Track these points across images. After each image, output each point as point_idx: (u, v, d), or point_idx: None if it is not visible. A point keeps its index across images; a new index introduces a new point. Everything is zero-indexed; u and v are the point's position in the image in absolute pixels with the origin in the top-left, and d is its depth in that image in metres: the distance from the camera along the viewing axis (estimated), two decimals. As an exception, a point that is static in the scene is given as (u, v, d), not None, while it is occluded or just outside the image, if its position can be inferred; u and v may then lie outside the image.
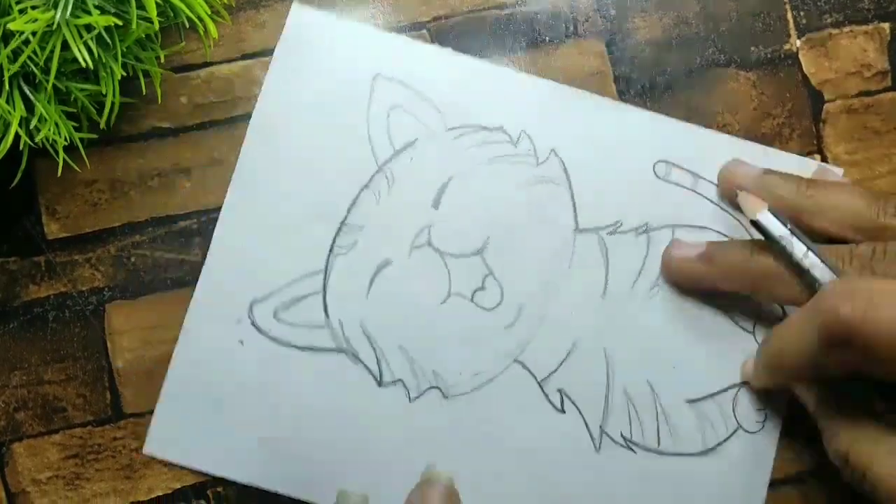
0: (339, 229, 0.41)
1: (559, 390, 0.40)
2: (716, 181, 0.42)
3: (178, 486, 0.41)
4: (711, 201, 0.42)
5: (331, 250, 0.41)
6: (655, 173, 0.42)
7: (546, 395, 0.40)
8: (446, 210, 0.41)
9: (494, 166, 0.42)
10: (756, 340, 0.41)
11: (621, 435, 0.40)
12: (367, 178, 0.41)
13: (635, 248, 0.41)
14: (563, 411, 0.40)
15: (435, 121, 0.42)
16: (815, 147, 0.43)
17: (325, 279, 0.41)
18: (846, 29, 0.43)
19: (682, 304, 0.41)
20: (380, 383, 0.41)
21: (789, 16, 0.43)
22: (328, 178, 0.41)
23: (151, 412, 0.41)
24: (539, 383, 0.40)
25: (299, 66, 0.42)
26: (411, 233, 0.41)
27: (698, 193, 0.42)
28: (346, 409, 0.40)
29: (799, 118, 0.43)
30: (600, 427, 0.40)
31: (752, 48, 0.43)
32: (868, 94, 0.43)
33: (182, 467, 0.41)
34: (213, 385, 0.41)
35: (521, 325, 0.41)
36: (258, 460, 0.40)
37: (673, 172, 0.42)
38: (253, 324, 0.41)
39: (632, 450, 0.40)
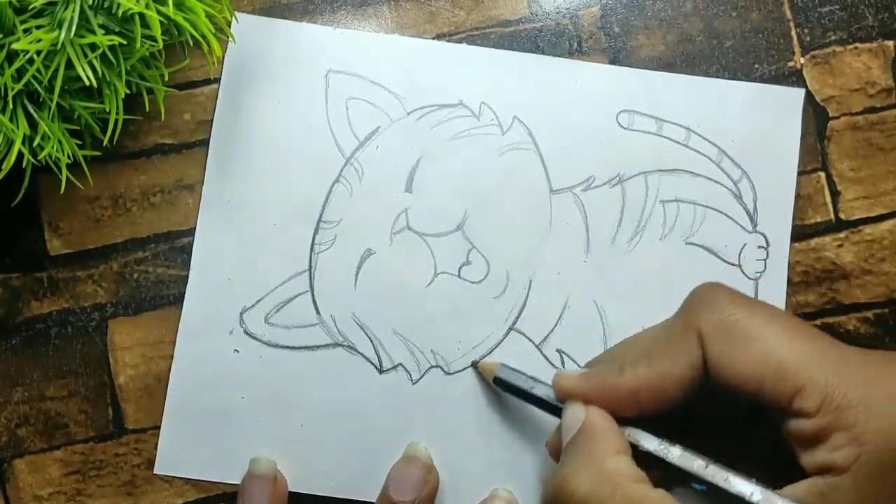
0: (317, 227, 0.41)
1: (558, 350, 0.41)
2: (681, 122, 0.42)
3: (180, 501, 0.41)
4: (679, 143, 0.42)
5: (312, 249, 0.41)
6: (619, 123, 0.42)
7: (546, 357, 0.41)
8: (420, 192, 0.42)
9: (461, 141, 0.42)
10: (744, 273, 0.41)
11: None
12: (336, 172, 0.42)
13: (611, 200, 0.42)
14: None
15: (394, 106, 0.42)
16: (819, 164, 0.43)
17: (310, 278, 0.41)
18: (850, 46, 0.43)
19: (664, 248, 0.41)
20: (380, 370, 0.41)
21: (793, 33, 0.43)
22: (297, 180, 0.42)
23: (154, 428, 0.41)
24: (537, 346, 0.41)
25: (250, 75, 0.42)
26: (389, 219, 0.41)
27: (664, 137, 0.42)
28: (351, 401, 0.41)
29: (803, 135, 0.43)
30: None
31: (756, 65, 0.43)
32: (873, 111, 0.43)
33: (192, 481, 0.41)
34: (214, 397, 0.41)
35: (511, 292, 0.41)
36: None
37: (637, 120, 0.42)
38: (245, 332, 0.41)
39: None
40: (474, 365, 0.40)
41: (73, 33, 0.33)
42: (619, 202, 0.42)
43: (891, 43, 0.43)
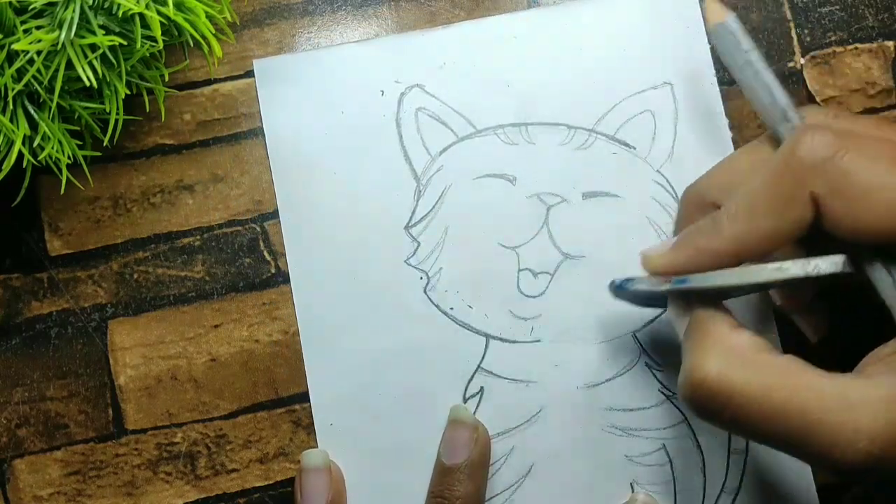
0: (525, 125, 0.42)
1: (481, 387, 0.41)
2: None
3: (180, 501, 0.41)
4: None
5: (498, 127, 0.42)
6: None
7: (467, 384, 0.41)
8: (589, 208, 0.41)
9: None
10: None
11: None
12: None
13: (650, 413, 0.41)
14: (464, 402, 0.41)
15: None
16: (819, 165, 0.43)
17: (474, 134, 0.42)
18: (850, 47, 0.43)
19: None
20: (407, 225, 0.42)
21: (793, 33, 0.43)
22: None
23: (154, 428, 0.41)
24: (475, 369, 0.41)
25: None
26: (554, 188, 0.41)
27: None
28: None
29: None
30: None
31: (757, 66, 0.43)
32: (873, 111, 0.43)
33: (192, 481, 0.41)
34: None
35: (519, 326, 0.41)
36: None
37: None
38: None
39: None
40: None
41: (73, 34, 0.33)
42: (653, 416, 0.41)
43: (891, 43, 0.43)
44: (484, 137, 0.42)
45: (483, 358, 0.41)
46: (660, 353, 0.41)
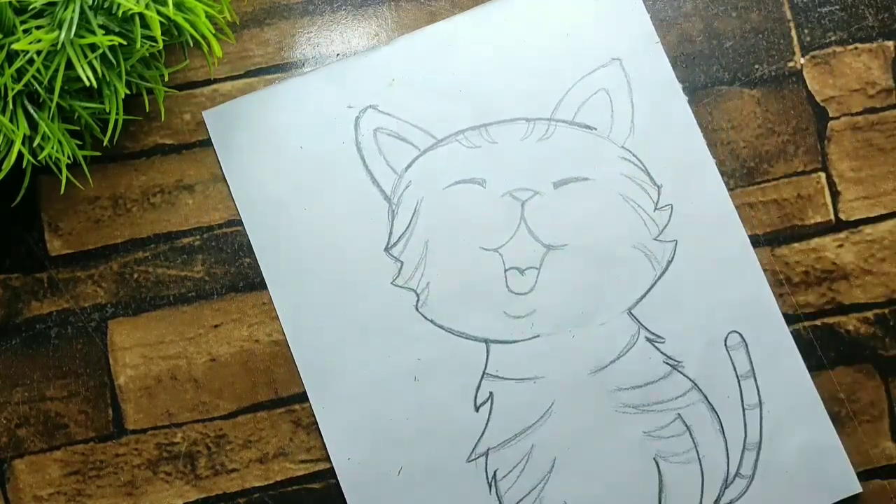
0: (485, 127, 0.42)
1: (490, 393, 0.41)
2: None
3: (180, 501, 0.41)
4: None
5: (458, 133, 0.42)
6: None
7: (476, 392, 0.41)
8: (562, 197, 0.41)
9: (631, 212, 0.42)
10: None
11: None
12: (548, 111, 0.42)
13: (666, 385, 0.41)
14: (476, 410, 0.41)
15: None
16: (819, 164, 0.43)
17: (436, 145, 0.42)
18: (850, 47, 0.43)
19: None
20: (387, 247, 0.42)
21: (793, 33, 0.43)
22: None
23: (153, 428, 0.41)
24: (481, 376, 0.41)
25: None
26: (524, 183, 0.41)
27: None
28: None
29: (803, 135, 0.43)
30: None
31: (757, 66, 0.43)
32: (873, 111, 0.43)
33: (192, 481, 0.41)
34: None
35: (515, 325, 0.41)
36: None
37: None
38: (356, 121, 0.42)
39: None
40: None
41: (73, 34, 0.33)
42: (666, 397, 0.41)
43: (891, 43, 0.43)
44: (446, 146, 0.42)
45: (486, 364, 0.41)
46: (658, 326, 0.41)
